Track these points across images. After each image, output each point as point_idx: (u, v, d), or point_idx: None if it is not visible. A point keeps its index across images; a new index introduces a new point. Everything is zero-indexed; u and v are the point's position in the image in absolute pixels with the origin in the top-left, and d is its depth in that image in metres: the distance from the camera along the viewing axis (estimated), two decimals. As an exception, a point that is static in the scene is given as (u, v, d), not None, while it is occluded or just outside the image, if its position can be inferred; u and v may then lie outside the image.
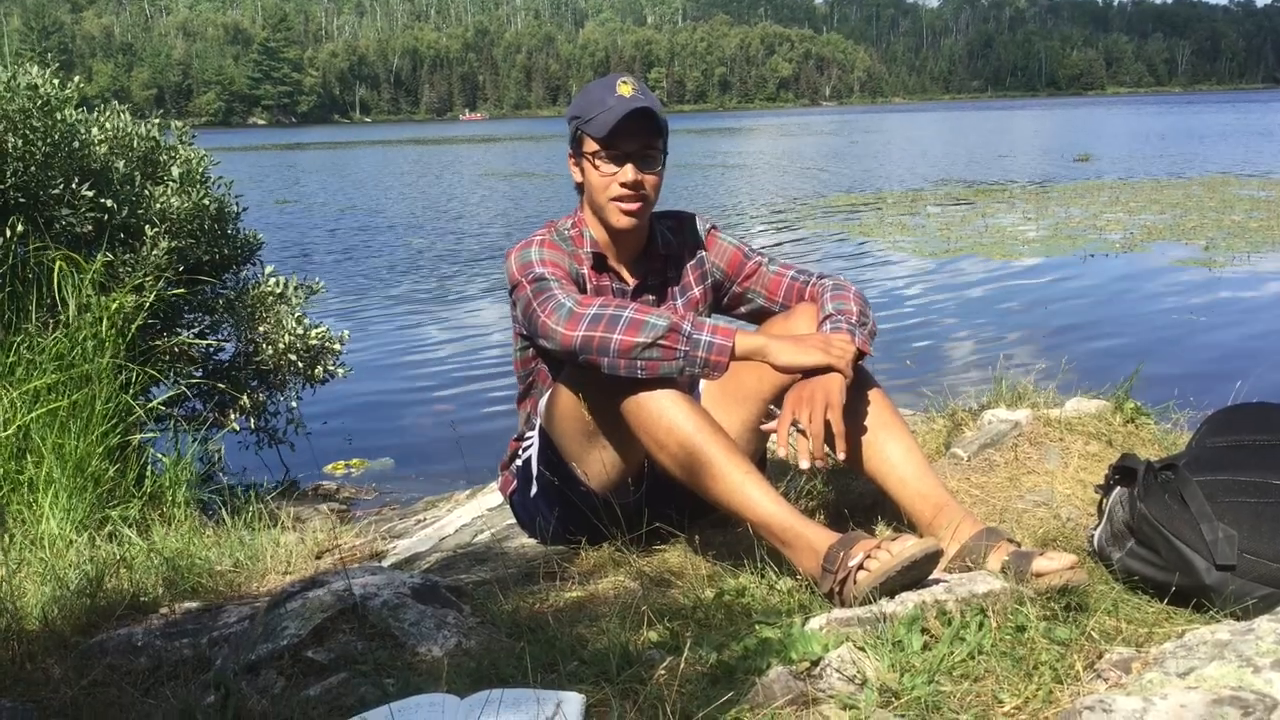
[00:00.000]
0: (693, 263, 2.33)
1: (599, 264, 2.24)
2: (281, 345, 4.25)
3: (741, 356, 1.95)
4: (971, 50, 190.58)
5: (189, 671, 1.72)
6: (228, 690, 1.45)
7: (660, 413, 1.91)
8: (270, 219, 16.19)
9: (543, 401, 2.21)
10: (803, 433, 1.90)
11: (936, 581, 1.65)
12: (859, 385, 2.03)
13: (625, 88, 2.12)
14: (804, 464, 1.88)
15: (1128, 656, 1.38)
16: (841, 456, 1.93)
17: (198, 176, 4.14)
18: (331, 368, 4.48)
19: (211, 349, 4.35)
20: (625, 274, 2.27)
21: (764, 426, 2.02)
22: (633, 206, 2.15)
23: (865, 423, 2.03)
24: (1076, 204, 13.99)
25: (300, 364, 4.35)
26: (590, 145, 2.15)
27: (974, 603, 1.53)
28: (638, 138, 2.12)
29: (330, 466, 4.83)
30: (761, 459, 2.35)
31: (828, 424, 1.89)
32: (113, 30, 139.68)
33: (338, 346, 4.49)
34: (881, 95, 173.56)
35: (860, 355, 2.02)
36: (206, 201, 4.08)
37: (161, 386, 3.75)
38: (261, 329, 4.28)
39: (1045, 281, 8.79)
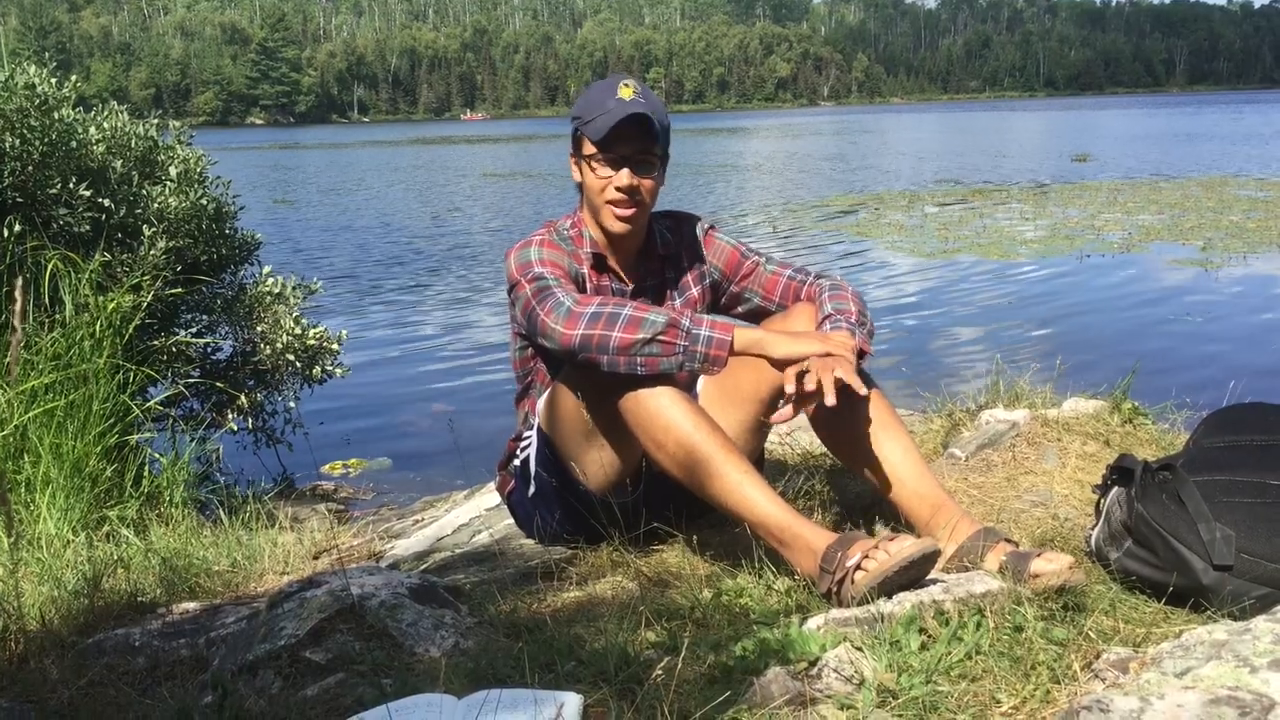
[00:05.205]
0: (691, 263, 2.33)
1: (598, 264, 2.24)
2: (279, 345, 4.25)
3: (740, 351, 1.94)
4: (969, 50, 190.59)
5: (186, 672, 1.73)
6: (225, 690, 1.45)
7: (659, 411, 1.91)
8: (268, 219, 16.18)
9: (541, 401, 2.21)
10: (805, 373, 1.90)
11: (934, 581, 1.65)
12: (857, 385, 2.02)
13: (626, 91, 2.11)
14: (830, 400, 1.84)
15: (1125, 656, 1.38)
16: (863, 392, 1.90)
17: (195, 176, 4.14)
18: (330, 368, 4.48)
19: (209, 349, 4.35)
20: (624, 274, 2.27)
21: (774, 417, 2.00)
22: (626, 212, 2.15)
23: (863, 422, 2.03)
24: (1074, 204, 13.99)
25: (298, 364, 4.35)
26: (588, 147, 2.14)
27: (971, 603, 1.54)
28: (634, 142, 2.12)
29: (328, 466, 4.82)
30: (760, 459, 2.35)
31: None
32: (110, 30, 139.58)
33: (336, 346, 4.49)
34: (880, 95, 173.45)
35: (861, 355, 2.02)
36: (204, 201, 4.08)
37: (159, 386, 3.75)
38: (259, 329, 4.28)
39: (1043, 282, 8.80)
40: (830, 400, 1.85)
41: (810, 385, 1.86)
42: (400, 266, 11.43)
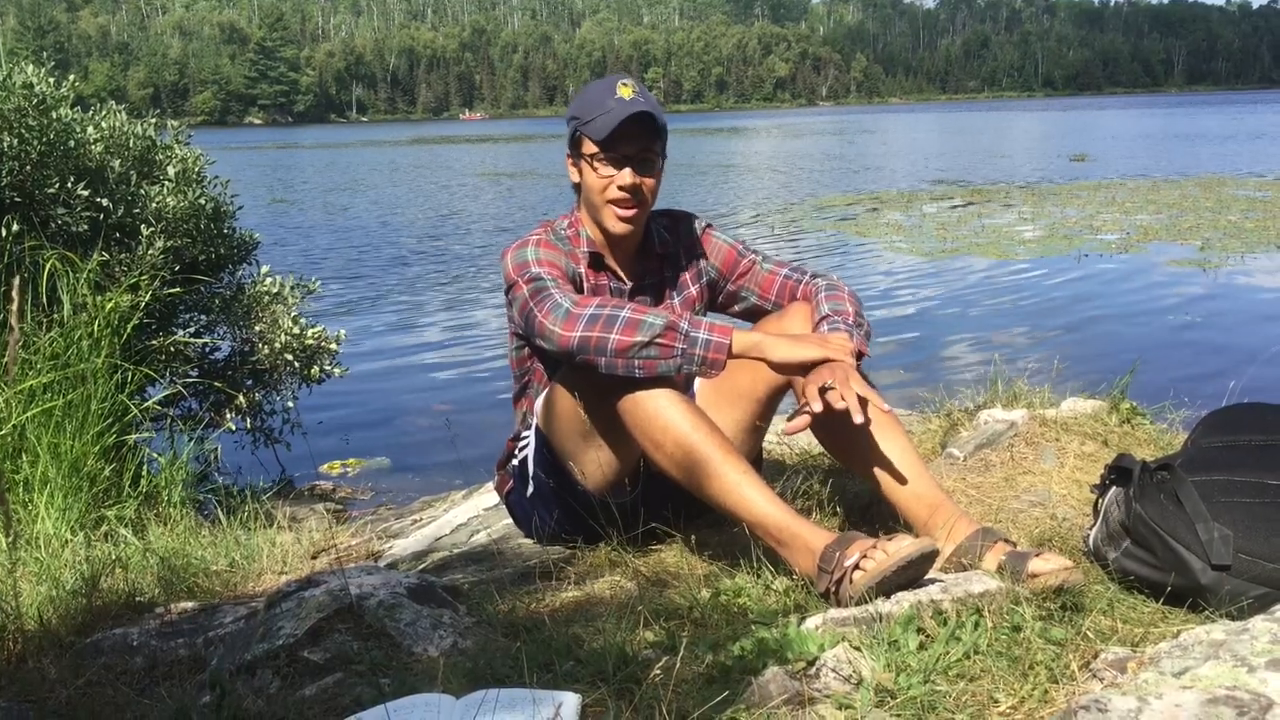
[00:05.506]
0: (689, 261, 2.32)
1: (596, 263, 2.24)
2: (278, 345, 4.24)
3: (738, 354, 1.94)
4: (968, 50, 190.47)
5: (185, 671, 1.72)
6: (223, 690, 1.45)
7: (657, 412, 1.91)
8: (267, 219, 16.17)
9: (539, 401, 2.21)
10: (829, 389, 1.88)
11: (932, 581, 1.65)
12: (855, 385, 2.02)
13: (625, 90, 2.11)
14: (858, 419, 1.85)
15: (1123, 656, 1.38)
16: (886, 408, 1.92)
17: (194, 176, 4.14)
18: (328, 367, 4.48)
19: (207, 348, 4.35)
20: (622, 273, 2.26)
21: (788, 428, 1.97)
22: (628, 212, 2.15)
23: (860, 423, 2.03)
24: (1072, 204, 14.00)
25: (296, 363, 4.35)
26: (589, 147, 2.14)
27: (970, 602, 1.54)
28: (637, 141, 2.12)
29: (326, 466, 4.82)
30: (758, 459, 2.35)
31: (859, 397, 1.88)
32: (109, 29, 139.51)
33: (334, 346, 4.49)
34: (878, 95, 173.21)
35: (859, 356, 2.01)
36: (202, 201, 4.07)
37: (157, 386, 3.75)
38: (257, 328, 4.28)
39: (1041, 282, 8.80)
40: (858, 419, 1.85)
41: (839, 404, 1.86)
42: (400, 266, 11.43)
